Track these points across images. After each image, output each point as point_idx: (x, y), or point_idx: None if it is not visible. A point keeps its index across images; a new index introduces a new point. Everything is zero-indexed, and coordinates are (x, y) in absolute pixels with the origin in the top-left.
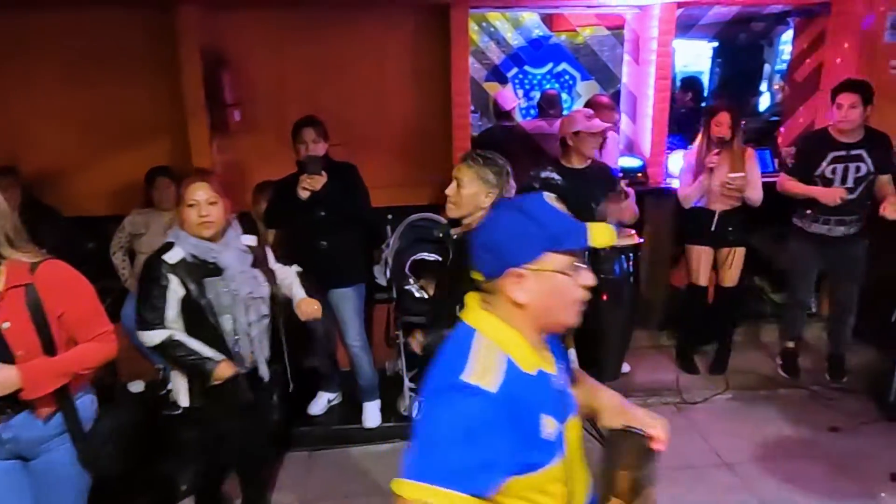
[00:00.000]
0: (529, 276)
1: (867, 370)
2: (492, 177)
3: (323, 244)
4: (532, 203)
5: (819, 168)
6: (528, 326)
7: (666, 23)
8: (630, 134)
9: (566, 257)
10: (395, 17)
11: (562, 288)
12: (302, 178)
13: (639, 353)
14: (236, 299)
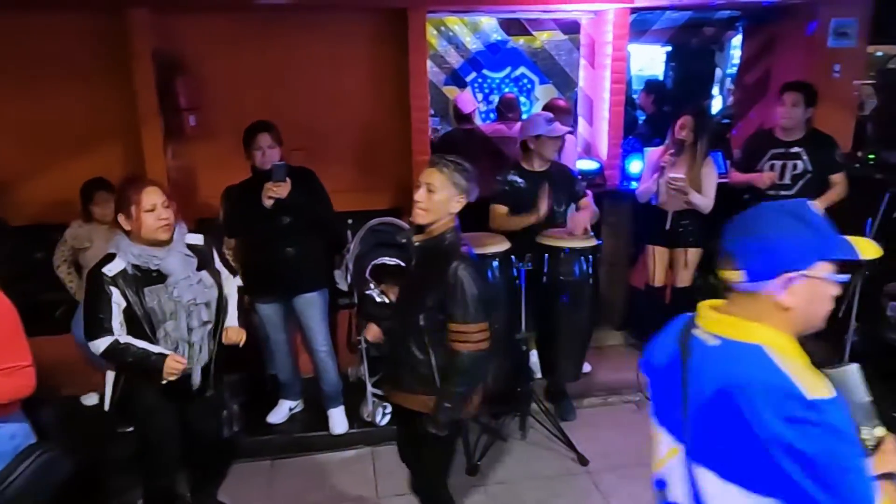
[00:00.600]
0: (802, 282)
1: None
2: (462, 182)
3: (289, 251)
4: (805, 210)
5: (759, 163)
6: (789, 331)
7: (620, 27)
8: (587, 137)
9: (831, 266)
10: (353, 21)
11: (825, 295)
12: (267, 186)
13: (600, 352)
14: (178, 306)
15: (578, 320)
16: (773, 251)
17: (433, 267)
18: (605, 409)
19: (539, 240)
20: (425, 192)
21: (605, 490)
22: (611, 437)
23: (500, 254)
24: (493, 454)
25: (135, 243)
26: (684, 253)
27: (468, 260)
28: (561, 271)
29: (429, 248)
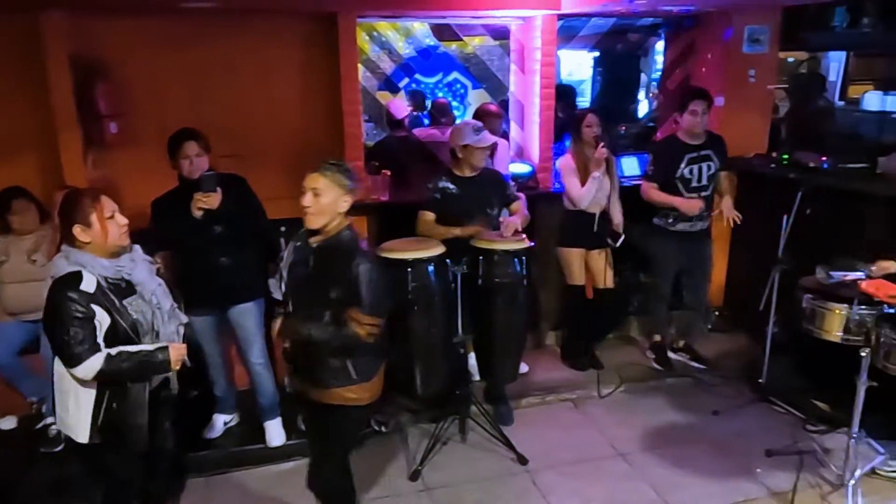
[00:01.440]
0: None
1: (741, 356)
2: (346, 181)
3: (223, 261)
4: None
5: (678, 170)
6: None
7: (548, 33)
8: (519, 140)
9: None
10: (282, 26)
11: None
12: (196, 197)
13: (536, 352)
14: (160, 313)
15: (514, 321)
16: None
17: (335, 264)
18: (543, 407)
19: (473, 243)
20: (311, 197)
21: (544, 488)
22: (549, 436)
23: (434, 258)
24: (434, 458)
25: (98, 256)
26: (606, 253)
27: (368, 256)
28: (495, 273)
29: (328, 248)
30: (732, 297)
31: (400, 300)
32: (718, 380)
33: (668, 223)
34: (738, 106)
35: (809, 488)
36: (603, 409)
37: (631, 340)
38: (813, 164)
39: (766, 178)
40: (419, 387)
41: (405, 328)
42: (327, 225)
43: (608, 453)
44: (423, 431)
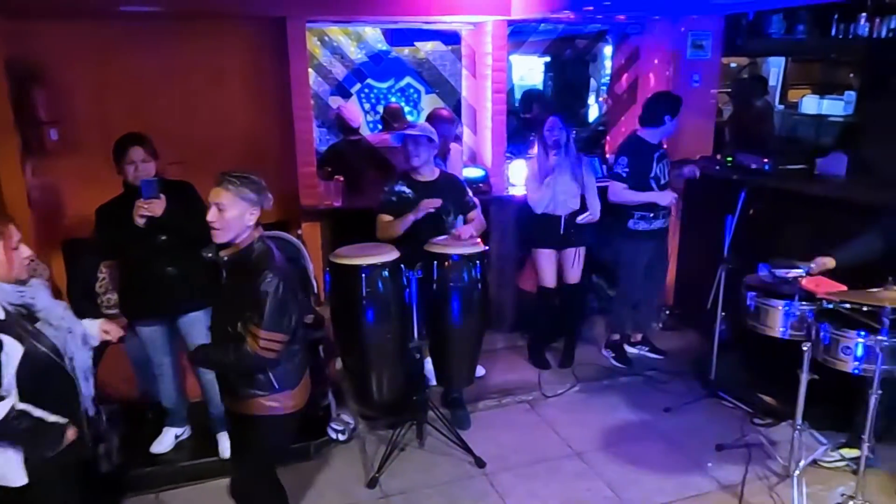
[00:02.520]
0: None
1: (691, 353)
2: (251, 195)
3: (169, 270)
4: None
5: (652, 170)
6: None
7: (498, 38)
8: (472, 145)
9: None
10: (228, 30)
11: None
12: (138, 204)
13: (492, 355)
14: (73, 337)
15: (469, 325)
16: None
17: (245, 277)
18: (500, 410)
19: (427, 248)
20: (216, 212)
21: (502, 490)
22: (506, 438)
23: (389, 263)
24: (391, 465)
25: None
26: (576, 252)
27: (276, 270)
28: (450, 278)
29: (238, 261)
30: (682, 295)
31: (354, 306)
32: (670, 377)
33: (643, 224)
34: (684, 110)
35: (758, 480)
36: (558, 410)
37: (585, 341)
38: (755, 166)
39: (712, 180)
40: (375, 393)
41: (359, 335)
42: (236, 238)
43: (564, 453)
44: (380, 438)
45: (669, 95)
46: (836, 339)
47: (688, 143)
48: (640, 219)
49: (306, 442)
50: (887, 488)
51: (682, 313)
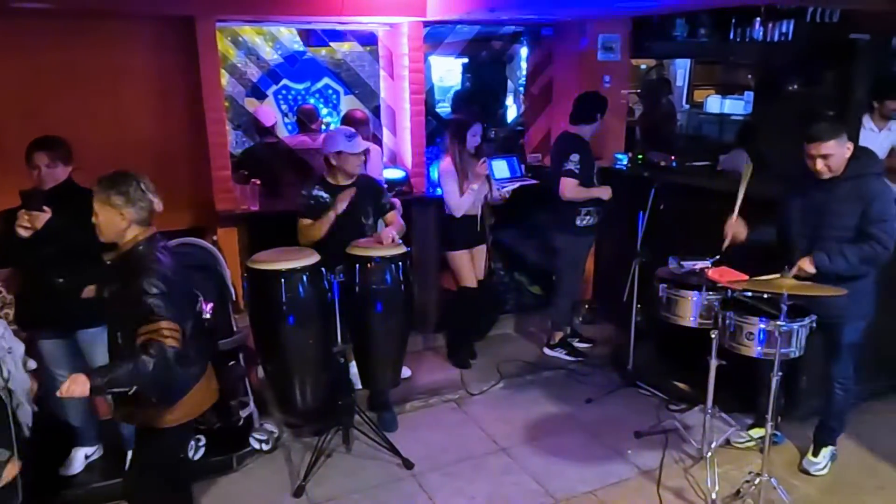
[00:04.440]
0: None
1: (610, 345)
2: (118, 198)
3: (60, 282)
4: None
5: (595, 168)
6: None
7: (415, 40)
8: (392, 146)
9: None
10: (131, 29)
11: None
12: (20, 214)
13: (418, 356)
14: (10, 358)
15: (393, 327)
16: None
17: (130, 280)
18: (427, 410)
19: (349, 251)
20: (94, 217)
21: (430, 490)
22: (433, 438)
23: (309, 267)
24: (318, 472)
25: None
26: (482, 249)
27: (162, 268)
28: (372, 280)
29: (121, 265)
30: (600, 289)
31: (274, 313)
32: (590, 369)
33: (589, 219)
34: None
35: (674, 464)
36: (484, 407)
37: (508, 338)
38: (663, 164)
39: (624, 177)
40: (299, 400)
41: (280, 341)
42: (119, 241)
43: (490, 449)
44: (305, 445)
45: (598, 94)
46: (740, 325)
47: (601, 142)
48: (587, 215)
49: (228, 454)
50: (791, 463)
51: (601, 307)
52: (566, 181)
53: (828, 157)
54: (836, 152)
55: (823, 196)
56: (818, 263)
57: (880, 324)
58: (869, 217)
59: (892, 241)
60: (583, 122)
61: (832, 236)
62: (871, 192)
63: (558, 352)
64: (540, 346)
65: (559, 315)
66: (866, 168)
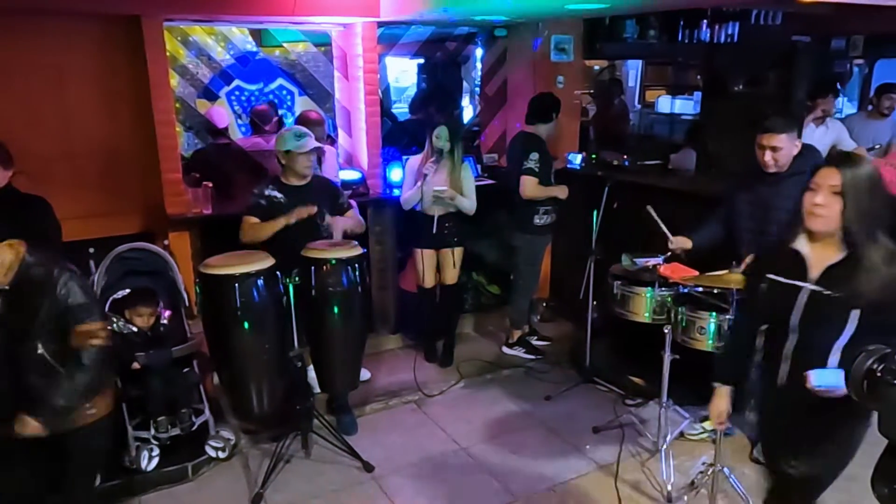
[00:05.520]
0: None
1: (567, 343)
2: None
3: None
4: None
5: (552, 168)
6: None
7: (369, 40)
8: (348, 147)
9: None
10: (76, 29)
11: None
12: None
13: (376, 357)
14: None
15: (351, 329)
16: None
17: (32, 291)
18: (387, 412)
19: (304, 253)
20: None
21: (391, 492)
22: (393, 440)
23: (264, 271)
24: (277, 478)
25: None
26: (451, 253)
27: (66, 267)
28: (329, 283)
29: (17, 285)
30: (556, 287)
31: (228, 318)
32: (548, 367)
33: (546, 218)
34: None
35: (631, 457)
36: (444, 407)
37: (467, 337)
38: (616, 162)
39: (578, 176)
40: (255, 406)
41: (235, 346)
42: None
43: (450, 448)
44: (263, 452)
45: (552, 95)
46: (692, 320)
47: (556, 142)
48: (545, 213)
49: (183, 463)
50: (741, 453)
51: (558, 305)
52: (526, 179)
53: (777, 150)
54: (786, 146)
55: (768, 191)
56: None
57: None
58: None
59: None
60: (539, 121)
61: (777, 231)
62: None
63: (517, 350)
64: (499, 344)
65: (517, 313)
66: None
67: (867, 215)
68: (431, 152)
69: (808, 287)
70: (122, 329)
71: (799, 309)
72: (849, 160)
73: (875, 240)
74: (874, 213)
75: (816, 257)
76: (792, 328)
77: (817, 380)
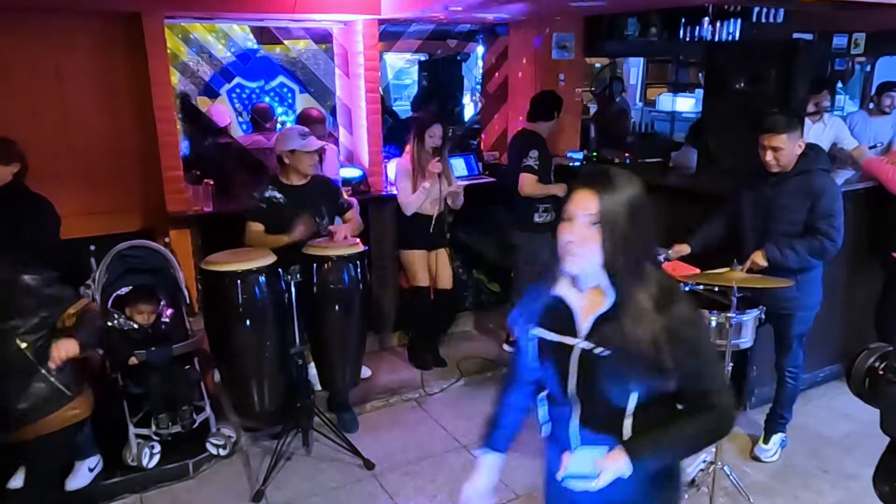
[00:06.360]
0: None
1: None
2: None
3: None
4: None
5: (552, 166)
6: None
7: (370, 38)
8: (349, 145)
9: None
10: (76, 25)
11: None
12: None
13: (377, 355)
14: None
15: (352, 327)
16: None
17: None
18: (387, 410)
19: (305, 250)
20: None
21: (391, 490)
22: (394, 437)
23: (265, 268)
24: (277, 476)
25: None
26: (445, 253)
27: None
28: (330, 280)
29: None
30: None
31: (229, 315)
32: None
33: (546, 216)
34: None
35: None
36: (444, 405)
37: (467, 335)
38: (617, 160)
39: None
40: (256, 403)
41: (236, 344)
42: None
43: (451, 446)
44: (264, 449)
45: (554, 93)
46: None
47: (557, 139)
48: (544, 211)
49: (184, 460)
50: (743, 451)
51: None
52: (525, 177)
53: (778, 150)
54: (787, 147)
55: (772, 191)
56: (770, 256)
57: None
58: (817, 212)
59: (839, 235)
60: (541, 119)
61: (781, 231)
62: (819, 187)
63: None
64: (499, 342)
65: None
66: (814, 164)
67: (630, 249)
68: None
69: (578, 344)
70: (122, 326)
71: (573, 373)
72: (605, 179)
73: (641, 279)
74: (639, 245)
75: (586, 305)
76: (571, 396)
77: (571, 467)
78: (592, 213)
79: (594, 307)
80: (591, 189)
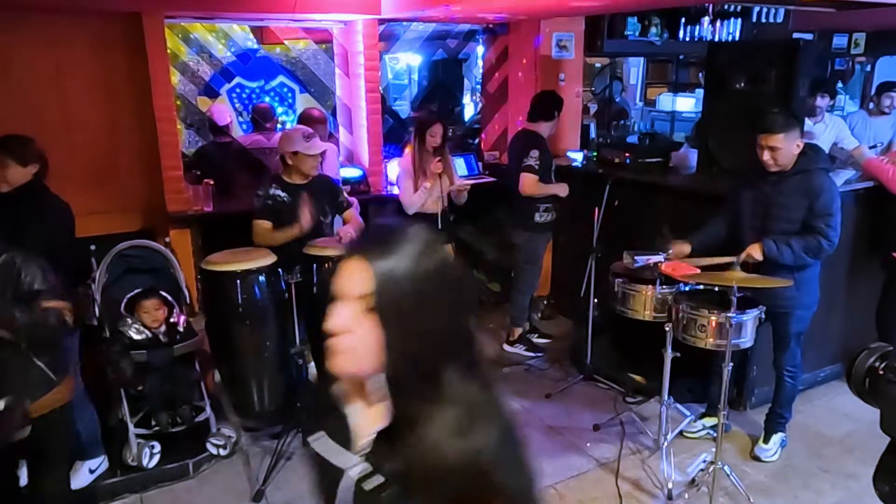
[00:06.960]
0: None
1: (568, 340)
2: None
3: None
4: None
5: (552, 165)
6: None
7: (370, 38)
8: (349, 145)
9: None
10: (77, 25)
11: None
12: None
13: None
14: None
15: None
16: None
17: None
18: None
19: (306, 250)
20: None
21: None
22: None
23: (266, 268)
24: (278, 475)
25: None
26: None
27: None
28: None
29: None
30: (557, 285)
31: (230, 315)
32: (549, 364)
33: (547, 216)
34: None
35: (631, 455)
36: None
37: None
38: (617, 160)
39: (579, 174)
40: (256, 403)
41: (237, 343)
42: None
43: None
44: (264, 449)
45: (555, 93)
46: (693, 318)
47: (557, 138)
48: (545, 211)
49: (184, 460)
50: (743, 450)
51: (558, 303)
52: (526, 177)
53: (775, 150)
54: (784, 146)
55: (771, 190)
56: (766, 250)
57: (819, 314)
58: (815, 211)
59: (836, 235)
60: (541, 119)
61: (779, 229)
62: (817, 186)
63: (518, 348)
64: (499, 342)
65: (518, 311)
66: (813, 163)
67: (416, 348)
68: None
69: (352, 467)
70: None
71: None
72: (383, 243)
73: (437, 392)
74: (431, 342)
75: (364, 418)
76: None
77: None
78: (363, 292)
79: (374, 420)
80: (361, 256)
